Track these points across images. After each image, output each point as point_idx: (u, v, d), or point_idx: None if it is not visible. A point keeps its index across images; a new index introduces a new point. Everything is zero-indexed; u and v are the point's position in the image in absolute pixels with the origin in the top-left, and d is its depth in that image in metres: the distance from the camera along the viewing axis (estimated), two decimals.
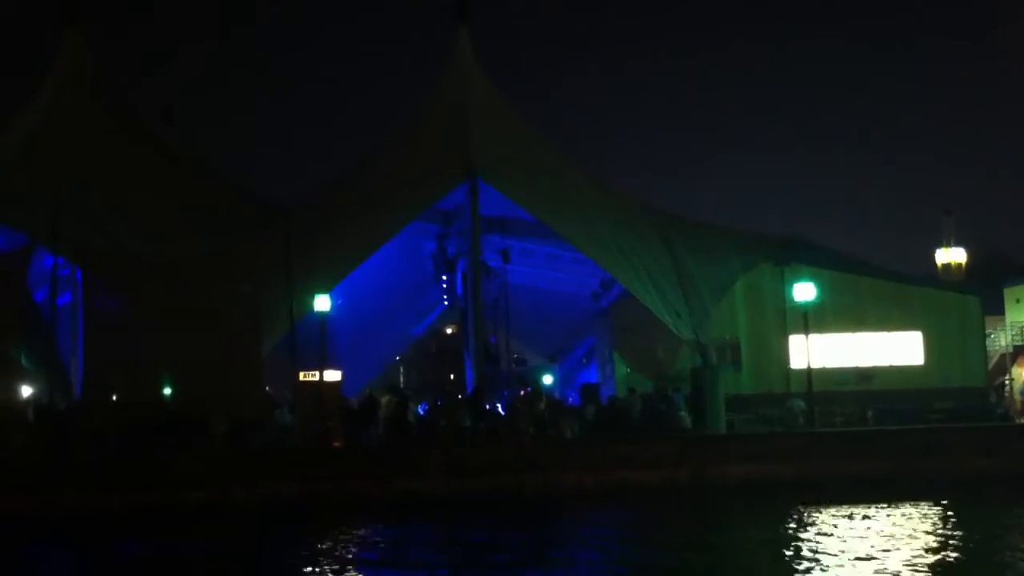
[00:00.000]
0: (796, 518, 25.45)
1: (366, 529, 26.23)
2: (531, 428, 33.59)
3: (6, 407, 33.64)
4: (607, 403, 37.52)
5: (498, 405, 37.28)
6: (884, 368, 38.75)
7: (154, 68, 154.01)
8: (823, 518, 25.35)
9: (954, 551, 20.70)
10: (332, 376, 33.36)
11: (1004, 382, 41.75)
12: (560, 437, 33.44)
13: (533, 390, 39.47)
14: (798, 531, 23.79)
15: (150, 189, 38.08)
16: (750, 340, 38.22)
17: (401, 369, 74.27)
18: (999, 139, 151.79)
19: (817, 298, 34.65)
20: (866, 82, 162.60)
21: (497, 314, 41.88)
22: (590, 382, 43.38)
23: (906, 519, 25.18)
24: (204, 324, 33.14)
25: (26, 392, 35.48)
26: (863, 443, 32.26)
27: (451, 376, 62.71)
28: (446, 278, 45.30)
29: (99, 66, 41.73)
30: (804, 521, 25.08)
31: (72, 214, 34.55)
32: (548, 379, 50.56)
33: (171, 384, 33.39)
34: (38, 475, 28.78)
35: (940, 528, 23.88)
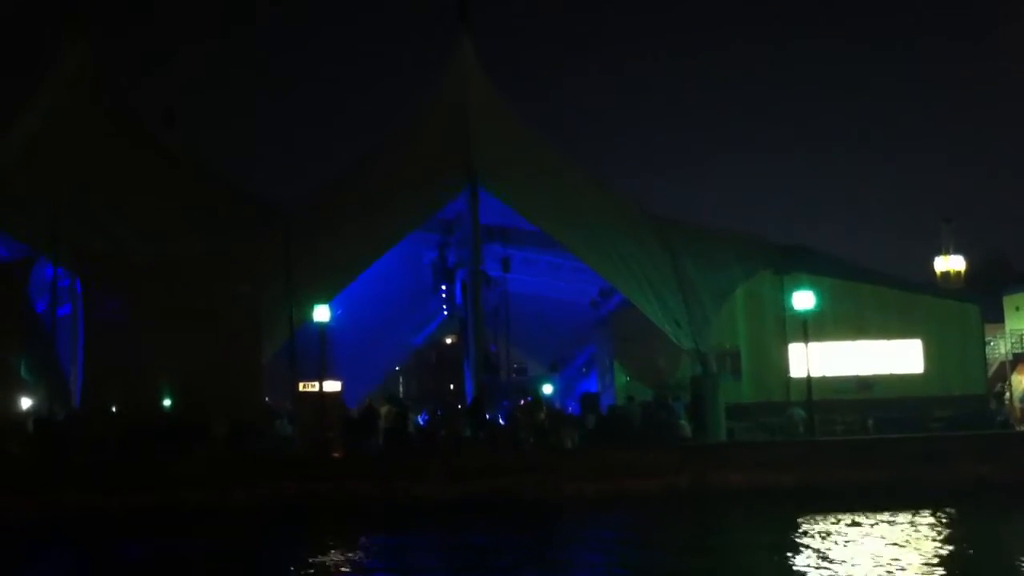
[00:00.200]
0: (796, 526, 25.37)
1: (366, 536, 26.21)
2: (531, 438, 33.55)
3: (6, 418, 33.58)
4: (607, 412, 37.48)
5: (498, 415, 37.23)
6: (884, 376, 38.74)
7: (154, 68, 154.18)
8: (824, 526, 25.30)
9: (958, 559, 20.66)
10: (332, 386, 33.32)
11: (1004, 389, 41.72)
12: (560, 446, 33.39)
13: (533, 400, 39.40)
14: (799, 538, 23.72)
15: (150, 190, 37.99)
16: (750, 348, 38.23)
17: (401, 379, 74.27)
18: (999, 139, 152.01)
19: (817, 306, 34.62)
20: (866, 82, 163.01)
21: (497, 323, 41.87)
22: (590, 391, 43.33)
23: (908, 527, 25.15)
24: (203, 324, 33.12)
25: (26, 403, 35.47)
26: (863, 451, 32.21)
27: (451, 386, 62.75)
28: (445, 287, 45.20)
29: (99, 66, 41.61)
30: (804, 529, 25.01)
31: (72, 216, 34.52)
32: (548, 388, 50.56)
33: (171, 388, 33.37)
34: (38, 478, 28.77)
35: (942, 536, 23.85)
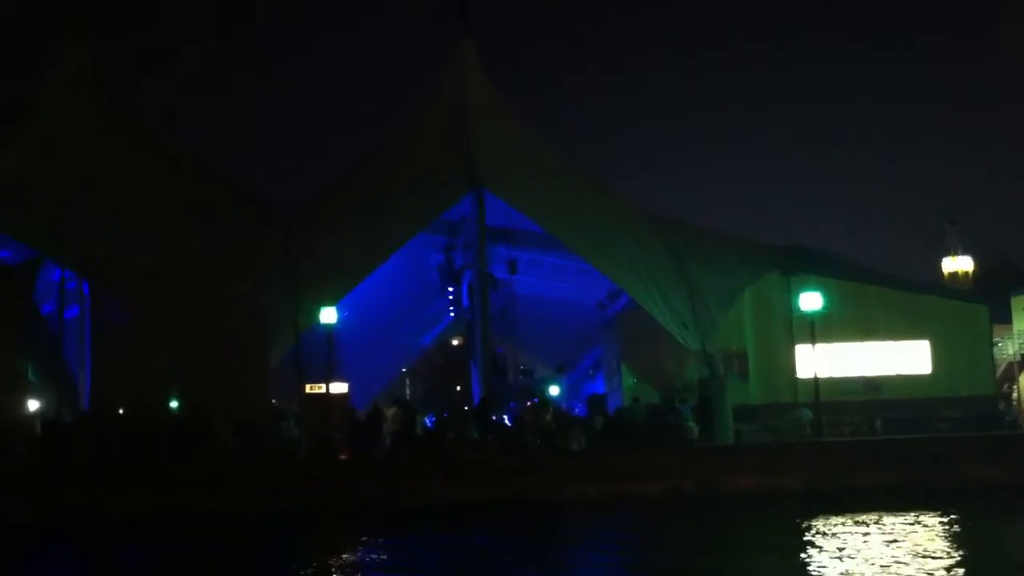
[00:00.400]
0: (803, 528, 25.28)
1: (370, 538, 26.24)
2: (538, 439, 33.53)
3: (13, 420, 33.64)
4: (613, 414, 37.44)
5: (505, 417, 37.20)
6: (892, 377, 38.67)
7: (154, 68, 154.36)
8: (831, 528, 25.22)
9: (966, 561, 20.59)
10: (338, 388, 33.33)
11: (1012, 390, 41.60)
12: (567, 448, 33.37)
13: (540, 401, 39.38)
14: (805, 541, 23.64)
15: (150, 190, 38.04)
16: (757, 350, 38.23)
17: (407, 381, 74.24)
18: (999, 139, 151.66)
19: (824, 307, 34.58)
20: (866, 82, 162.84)
21: (504, 325, 41.83)
22: (597, 393, 43.28)
23: (916, 529, 25.06)
24: (208, 325, 33.17)
25: (33, 406, 35.53)
26: (872, 453, 32.17)
27: (458, 388, 62.65)
28: (452, 289, 45.23)
29: (99, 66, 41.70)
30: (812, 531, 24.92)
31: (73, 216, 34.55)
32: (555, 390, 50.42)
33: (177, 389, 33.43)
34: (43, 479, 28.87)
35: (950, 538, 23.76)
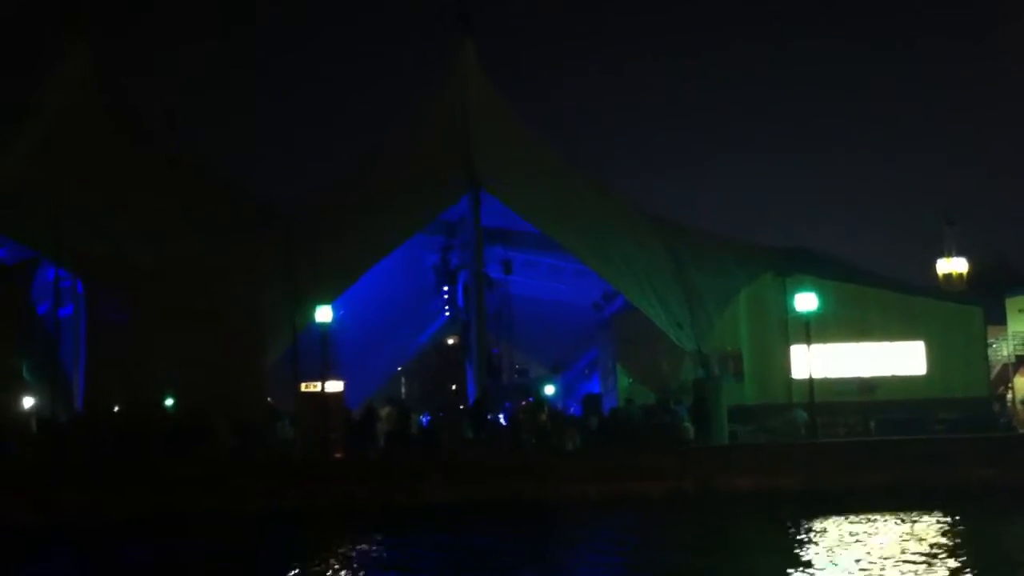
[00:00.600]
0: (798, 528, 25.35)
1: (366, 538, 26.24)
2: (533, 439, 33.54)
3: (9, 419, 33.63)
4: (608, 414, 37.45)
5: (500, 416, 37.21)
6: (887, 378, 38.69)
7: (154, 68, 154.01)
8: (826, 529, 25.28)
9: (961, 562, 20.64)
10: (334, 387, 33.33)
11: (1007, 392, 41.67)
12: (562, 448, 33.38)
13: (535, 401, 39.42)
14: (801, 541, 23.72)
15: (150, 190, 38.01)
16: (752, 351, 38.23)
17: (403, 380, 74.26)
18: (999, 139, 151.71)
19: (819, 308, 34.59)
20: (866, 82, 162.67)
21: (499, 325, 41.84)
22: (592, 393, 43.30)
23: (911, 529, 25.14)
24: (205, 325, 33.23)
25: (28, 404, 35.51)
26: (866, 454, 32.20)
27: (453, 387, 62.70)
28: (448, 289, 45.25)
29: (99, 66, 41.69)
30: (807, 531, 25.00)
31: (72, 216, 34.53)
32: (550, 390, 50.48)
33: (173, 388, 33.40)
34: (39, 478, 28.82)
35: (945, 538, 23.82)
